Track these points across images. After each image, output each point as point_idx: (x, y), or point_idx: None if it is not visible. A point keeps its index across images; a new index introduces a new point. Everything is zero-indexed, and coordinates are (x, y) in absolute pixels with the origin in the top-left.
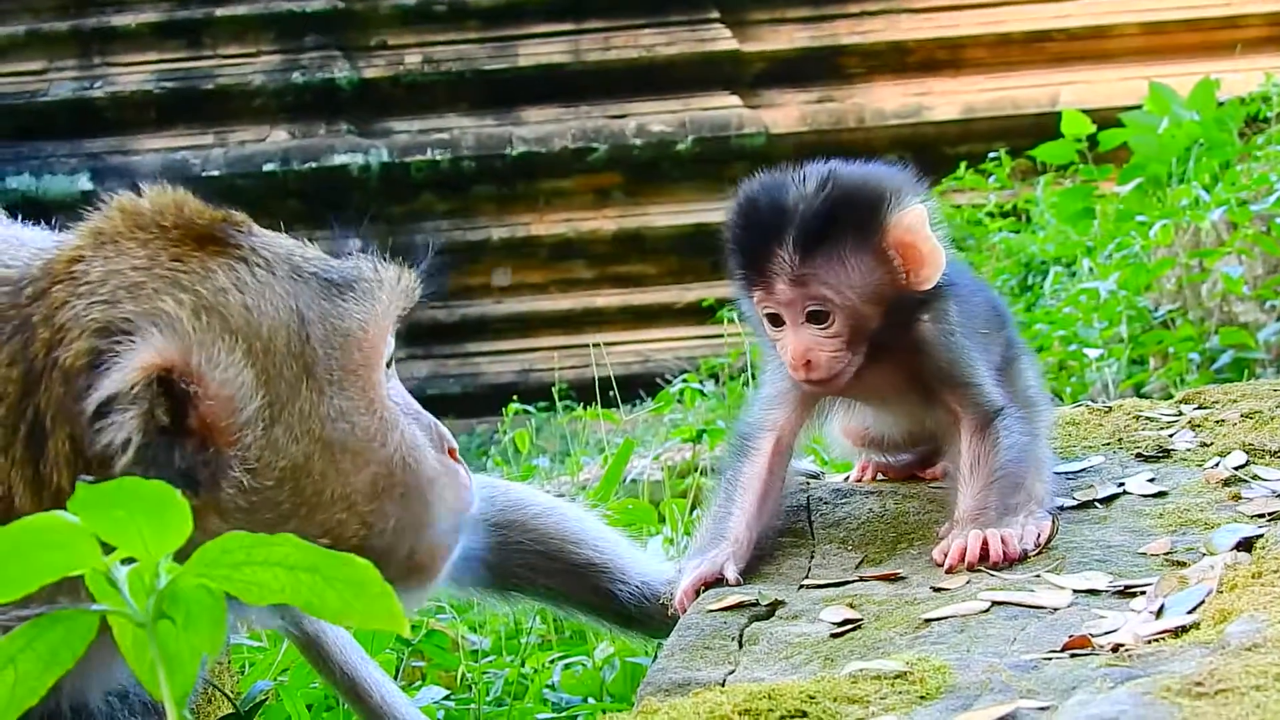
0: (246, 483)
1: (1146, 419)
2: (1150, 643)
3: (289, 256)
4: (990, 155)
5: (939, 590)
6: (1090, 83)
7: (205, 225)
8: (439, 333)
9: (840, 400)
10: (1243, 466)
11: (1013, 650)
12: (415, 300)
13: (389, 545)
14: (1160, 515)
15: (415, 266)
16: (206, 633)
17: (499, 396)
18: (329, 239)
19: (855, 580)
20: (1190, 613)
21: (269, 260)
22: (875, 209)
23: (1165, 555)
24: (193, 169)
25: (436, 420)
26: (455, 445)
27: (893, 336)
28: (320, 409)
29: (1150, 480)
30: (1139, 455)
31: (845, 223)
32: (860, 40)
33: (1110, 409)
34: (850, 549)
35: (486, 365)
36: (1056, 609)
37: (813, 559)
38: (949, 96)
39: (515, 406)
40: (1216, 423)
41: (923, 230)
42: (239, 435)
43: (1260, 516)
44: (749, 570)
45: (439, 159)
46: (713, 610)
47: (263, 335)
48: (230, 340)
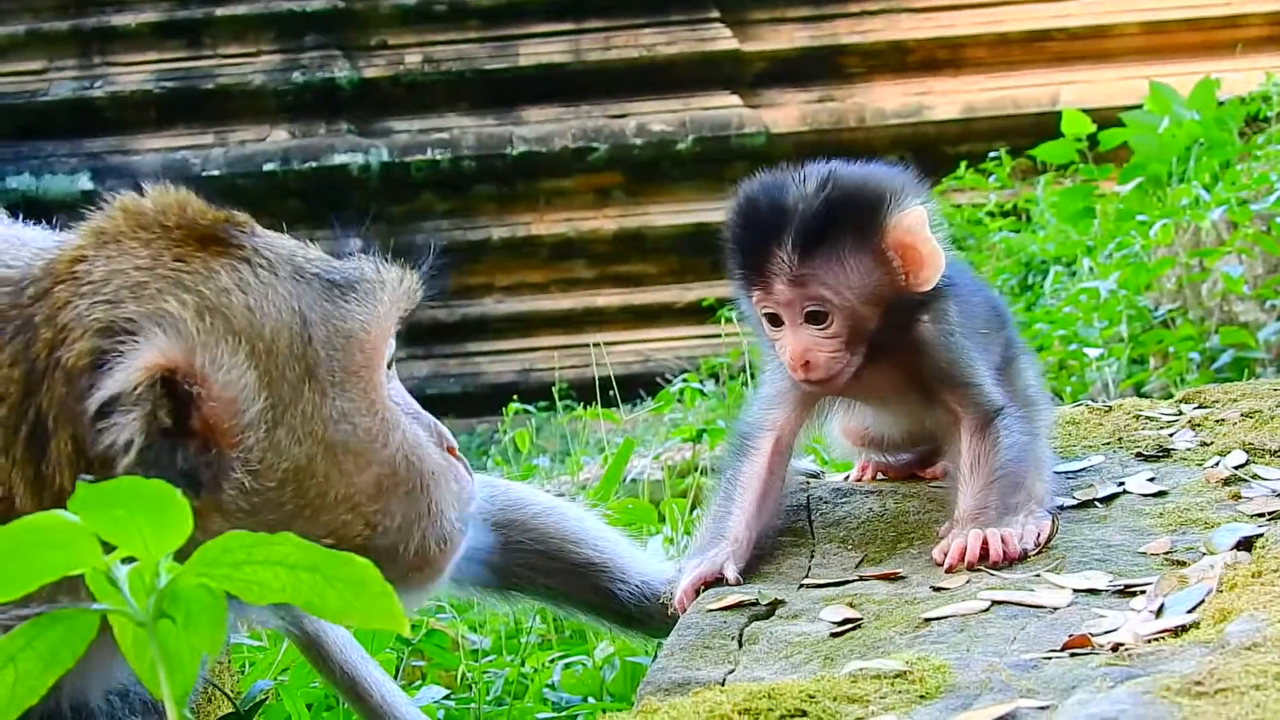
0: (249, 484)
1: (1146, 418)
2: (1150, 642)
3: (291, 257)
4: (990, 155)
5: (939, 590)
6: (1091, 82)
7: (208, 225)
8: (439, 332)
9: (840, 400)
10: (1243, 466)
11: (1012, 649)
12: (417, 301)
13: (393, 544)
14: (1160, 515)
15: (417, 267)
16: (207, 632)
17: (499, 396)
18: (330, 239)
19: (855, 580)
20: (1190, 612)
21: (272, 261)
22: (875, 210)
23: (1165, 555)
24: (193, 169)
25: (436, 420)
26: (455, 444)
27: (893, 337)
28: (323, 410)
29: (1150, 480)
30: (1139, 455)
31: (845, 223)
32: (860, 40)
33: (1110, 408)
34: (850, 548)
35: (487, 365)
36: (1056, 608)
37: (813, 558)
38: (949, 96)
39: (515, 406)
40: (1216, 422)
41: (922, 231)
42: (242, 437)
43: (1260, 516)
44: (749, 570)
45: (439, 159)
46: (713, 609)
47: (265, 336)
48: (233, 341)
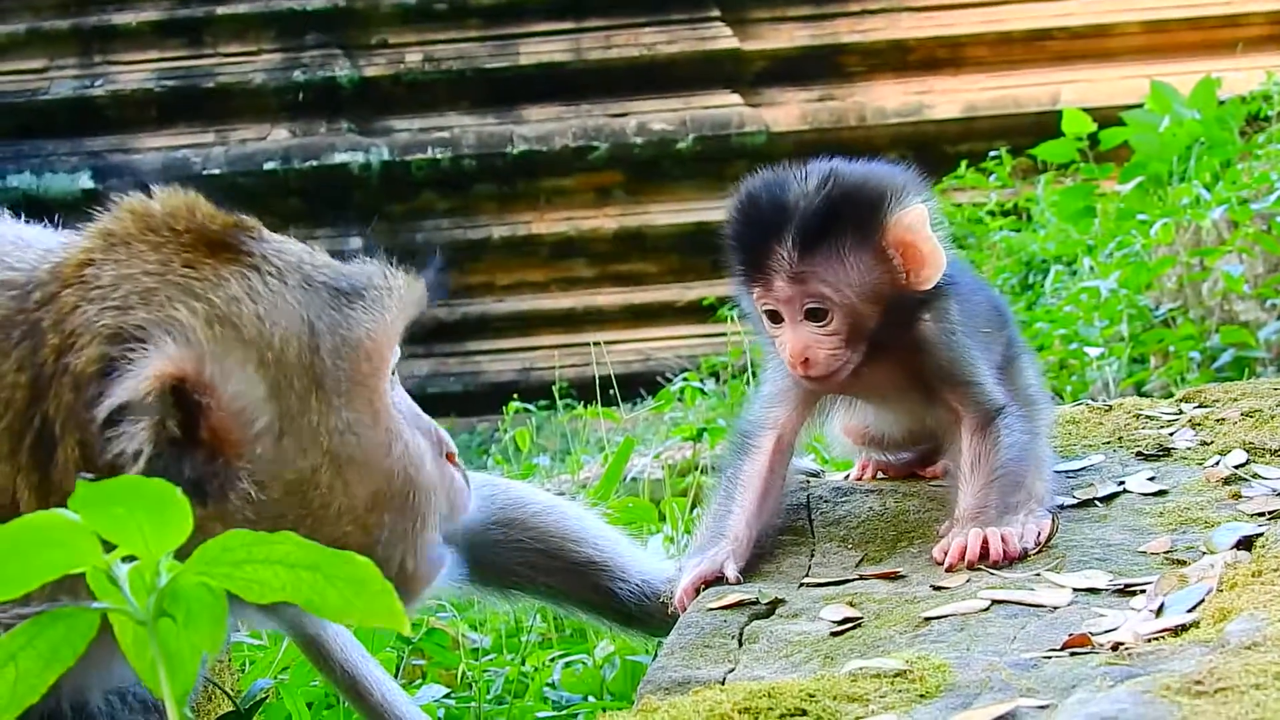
0: (254, 495)
1: (1147, 417)
2: (1150, 641)
3: (299, 264)
4: (991, 154)
5: (939, 589)
6: (1091, 81)
7: (218, 231)
8: (440, 331)
9: (841, 398)
10: (1243, 465)
11: (1012, 649)
12: (423, 308)
13: (385, 556)
14: (1160, 514)
15: (423, 274)
16: (207, 631)
17: (500, 395)
18: (336, 240)
19: (855, 579)
20: (1190, 611)
21: (280, 269)
22: (876, 208)
23: (1165, 554)
24: (194, 167)
25: (436, 424)
26: (455, 450)
27: (893, 335)
28: (329, 421)
29: (1150, 479)
30: (1139, 454)
31: (845, 221)
32: (861, 39)
33: (1110, 407)
34: (850, 547)
35: (487, 364)
36: (1056, 607)
37: (813, 557)
38: (950, 95)
39: (516, 405)
40: (1217, 421)
41: (923, 230)
42: (249, 448)
43: (1260, 515)
44: (749, 568)
45: (440, 157)
46: (713, 608)
47: (274, 346)
48: (243, 351)
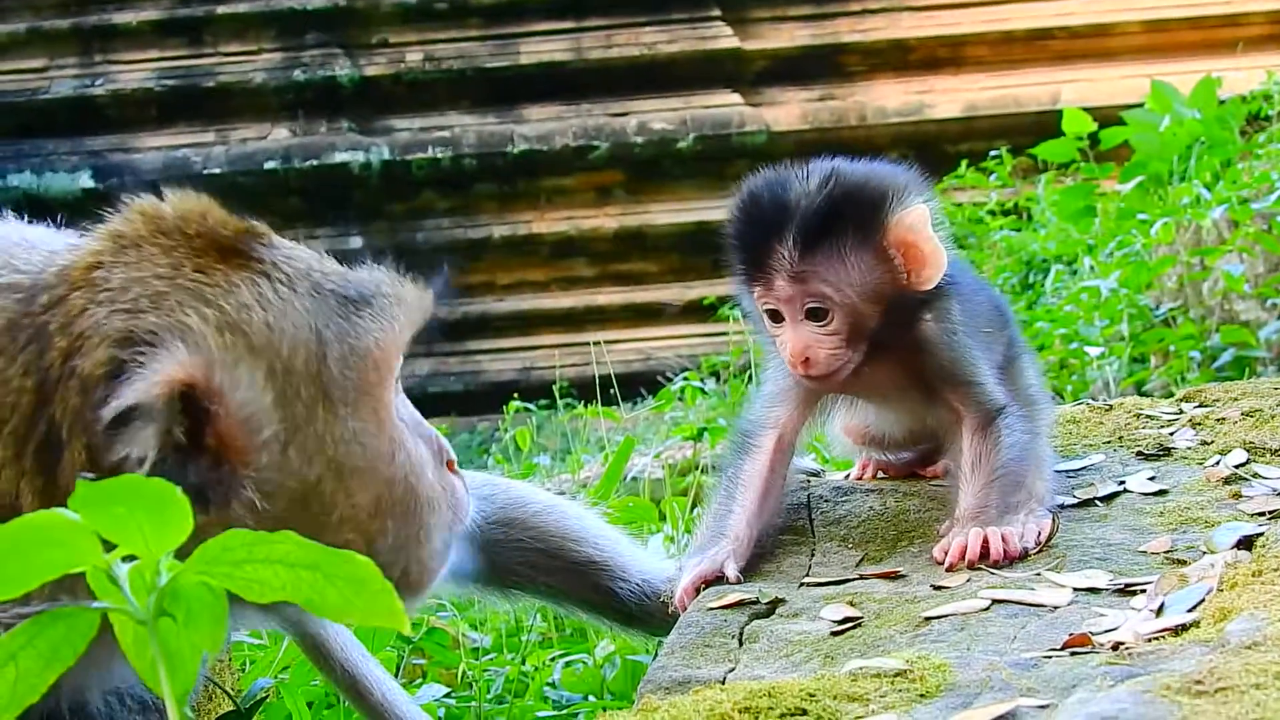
0: (258, 503)
1: (1147, 417)
2: (1150, 641)
3: (309, 272)
4: (992, 153)
5: (939, 588)
6: (1092, 81)
7: (230, 236)
8: (440, 330)
9: (842, 398)
10: (1243, 465)
11: (1013, 648)
12: (430, 316)
13: (387, 563)
14: (1161, 513)
15: (431, 282)
16: (207, 630)
17: (500, 394)
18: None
19: (855, 578)
20: (1190, 611)
21: (290, 276)
22: (877, 207)
23: (1165, 553)
24: (194, 166)
25: (437, 432)
26: (454, 458)
27: (894, 335)
28: (334, 431)
29: (1151, 478)
30: (1140, 453)
31: (846, 220)
32: (861, 38)
33: (1111, 407)
34: (851, 547)
35: (488, 363)
36: (1057, 607)
37: (813, 557)
38: (950, 94)
39: (516, 404)
40: (1217, 421)
41: (924, 230)
42: (254, 456)
43: (1261, 515)
44: (749, 568)
45: (440, 157)
46: (713, 608)
47: (283, 355)
48: (252, 360)
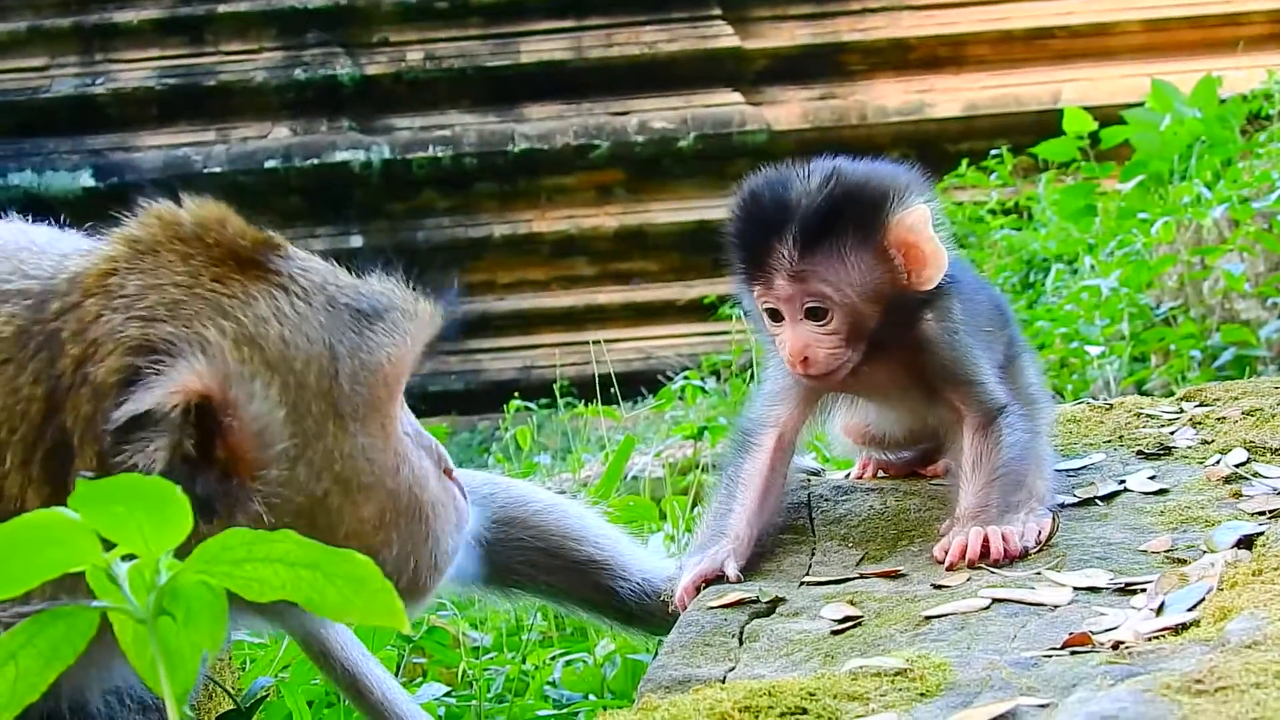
0: (264, 516)
1: (1148, 416)
2: (1150, 640)
3: (324, 285)
4: (992, 152)
5: (940, 587)
6: (1092, 80)
7: (248, 247)
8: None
9: (843, 397)
10: (1244, 464)
11: (1013, 647)
12: (440, 331)
13: (391, 573)
14: (1161, 513)
15: (444, 299)
16: (207, 629)
17: (500, 393)
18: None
19: (856, 577)
20: (1190, 610)
21: (306, 290)
22: (878, 207)
23: (1166, 553)
24: (195, 165)
25: (435, 440)
26: (453, 466)
27: (895, 334)
28: (343, 446)
29: (1151, 478)
30: (1140, 453)
31: (847, 220)
32: (862, 37)
33: (1111, 406)
34: (851, 546)
35: (488, 362)
36: (1057, 606)
37: (813, 556)
38: (951, 94)
39: (517, 403)
40: (1218, 420)
41: (925, 230)
42: (263, 470)
43: (1261, 514)
44: (750, 567)
45: (441, 156)
46: (713, 607)
47: (296, 370)
48: (267, 374)
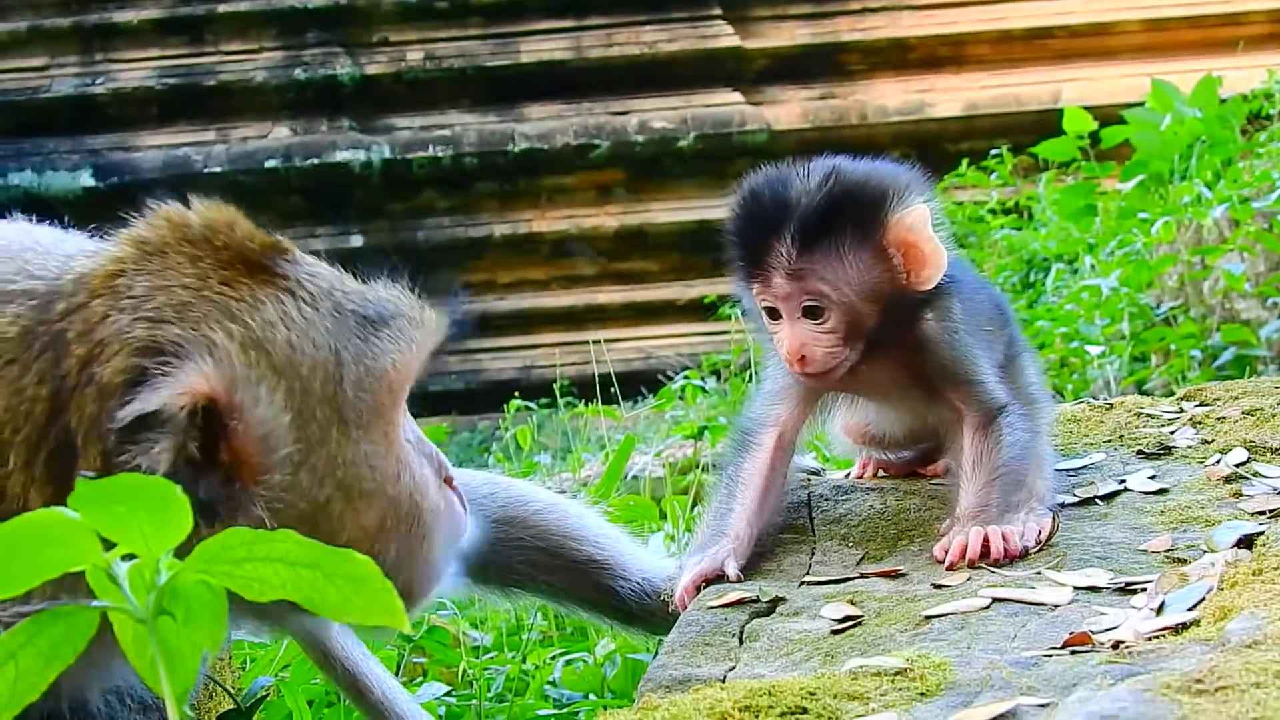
0: (265, 521)
1: (1148, 416)
2: (1151, 640)
3: (331, 291)
4: (992, 152)
5: (940, 587)
6: (1092, 80)
7: (256, 251)
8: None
9: (843, 396)
10: (1244, 464)
11: (1013, 647)
12: (444, 339)
13: (388, 578)
14: (1161, 512)
15: (449, 306)
16: (207, 628)
17: (501, 393)
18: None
19: (856, 577)
20: (1191, 610)
21: (314, 295)
22: (877, 206)
23: (1166, 552)
24: (195, 165)
25: (437, 449)
26: (453, 474)
27: (895, 333)
28: (346, 453)
29: (1151, 477)
30: (1140, 452)
31: (845, 219)
32: (862, 37)
33: (1111, 406)
34: (851, 546)
35: (488, 362)
36: (1057, 606)
37: (813, 555)
38: (951, 93)
39: (517, 403)
40: (1218, 420)
41: (924, 230)
42: (266, 475)
43: (1261, 514)
44: (750, 567)
45: (441, 155)
46: (713, 607)
47: (302, 376)
48: (274, 379)
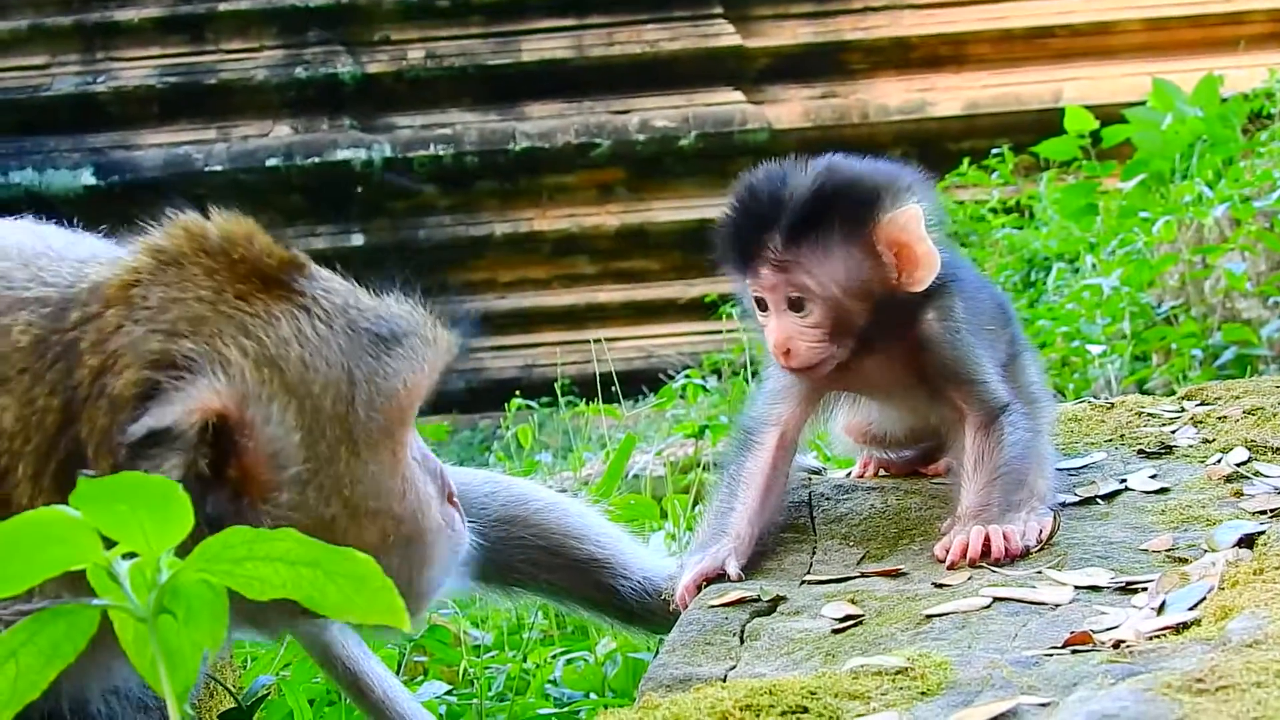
0: None
1: (1149, 415)
2: (1151, 639)
3: (345, 308)
4: (993, 151)
5: (940, 586)
6: (1093, 79)
7: (273, 266)
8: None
9: (845, 395)
10: (1245, 463)
11: (1014, 646)
12: (455, 359)
13: None
14: (1162, 512)
15: (462, 327)
16: (207, 627)
17: (502, 392)
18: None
19: (857, 576)
20: (1192, 609)
21: (328, 312)
22: (868, 204)
23: (1167, 552)
24: (196, 164)
25: (441, 465)
26: (455, 490)
27: (892, 333)
28: (354, 472)
29: (1152, 477)
30: (1141, 452)
31: (834, 214)
32: (863, 36)
33: (1113, 405)
34: (852, 545)
35: (489, 361)
36: (1058, 605)
37: (814, 555)
38: (952, 92)
39: (518, 402)
40: (1219, 419)
41: (917, 230)
42: (274, 493)
43: (1262, 513)
44: (751, 566)
45: (442, 154)
46: (714, 606)
47: (314, 394)
48: (285, 397)
